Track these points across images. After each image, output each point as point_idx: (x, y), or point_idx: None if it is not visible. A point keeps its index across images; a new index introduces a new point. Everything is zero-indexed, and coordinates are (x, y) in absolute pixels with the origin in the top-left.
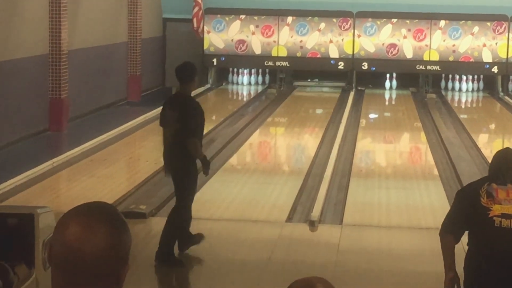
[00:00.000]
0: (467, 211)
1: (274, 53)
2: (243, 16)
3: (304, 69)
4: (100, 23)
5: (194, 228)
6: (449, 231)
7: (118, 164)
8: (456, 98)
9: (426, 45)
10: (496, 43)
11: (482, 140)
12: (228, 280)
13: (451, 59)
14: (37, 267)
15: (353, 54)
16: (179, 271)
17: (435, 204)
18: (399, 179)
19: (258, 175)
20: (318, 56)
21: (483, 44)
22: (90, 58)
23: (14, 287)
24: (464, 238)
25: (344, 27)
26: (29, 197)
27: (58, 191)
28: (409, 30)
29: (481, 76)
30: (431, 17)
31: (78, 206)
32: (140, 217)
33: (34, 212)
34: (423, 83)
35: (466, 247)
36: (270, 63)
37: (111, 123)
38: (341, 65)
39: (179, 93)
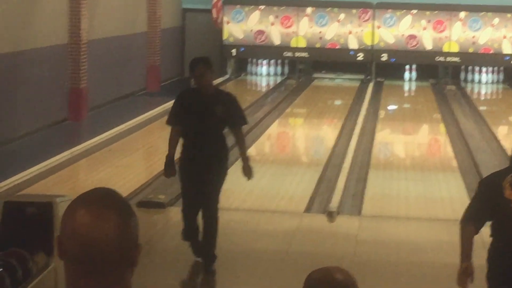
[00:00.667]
0: (489, 202)
1: (293, 44)
2: (262, 7)
3: (323, 60)
4: (120, 13)
5: None
6: (470, 221)
7: (137, 154)
8: (476, 90)
9: (446, 37)
10: None
11: (501, 132)
12: (246, 270)
13: (471, 50)
14: (55, 255)
15: (372, 45)
16: (197, 261)
17: (453, 196)
18: (418, 171)
19: (277, 166)
20: (337, 47)
21: (503, 36)
22: (110, 48)
23: (33, 275)
24: (485, 229)
25: (363, 18)
26: (48, 186)
27: (77, 180)
28: (429, 21)
29: (501, 68)
30: (451, 8)
31: (81, 196)
32: (158, 207)
33: (53, 201)
34: (442, 74)
35: (484, 239)
36: (289, 54)
37: (130, 113)
38: (360, 56)
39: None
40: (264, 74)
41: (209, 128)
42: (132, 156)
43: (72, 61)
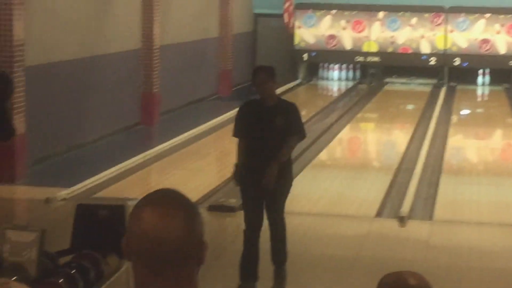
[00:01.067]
0: None
1: (365, 48)
2: (334, 11)
3: (395, 65)
4: (192, 19)
5: None
6: None
7: (208, 158)
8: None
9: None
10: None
11: None
12: (316, 275)
13: None
14: None
15: (445, 49)
16: (265, 266)
17: None
18: (491, 176)
19: (348, 170)
20: (410, 51)
21: None
22: (182, 53)
23: (105, 277)
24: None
25: (436, 22)
26: (121, 189)
27: (149, 183)
28: (502, 25)
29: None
30: None
31: (147, 197)
32: (229, 210)
33: (125, 204)
34: None
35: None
36: (361, 59)
37: (202, 117)
38: (432, 61)
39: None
40: (336, 79)
41: (271, 139)
42: (203, 160)
43: (145, 66)
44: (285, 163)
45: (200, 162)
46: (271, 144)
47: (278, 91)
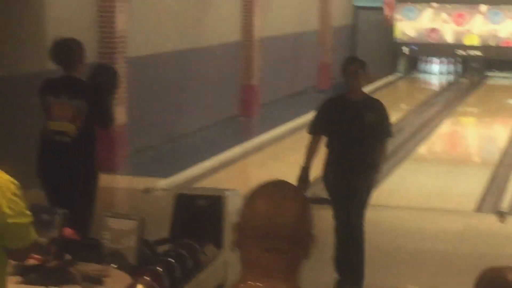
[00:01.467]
0: None
1: (466, 42)
2: (435, 4)
3: (498, 58)
4: (292, 11)
5: (379, 217)
6: None
7: None
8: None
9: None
10: None
11: None
12: (412, 270)
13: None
14: (225, 248)
15: None
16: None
17: None
18: None
19: (447, 164)
20: None
21: None
22: (281, 45)
23: (203, 267)
24: None
25: None
26: (219, 180)
27: (248, 175)
28: None
29: None
30: None
31: (262, 186)
32: (326, 203)
33: (223, 195)
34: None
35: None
36: (462, 52)
37: (301, 110)
38: None
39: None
40: (436, 73)
41: (357, 136)
42: (302, 153)
43: (245, 58)
44: (369, 163)
45: (298, 155)
46: (360, 142)
47: (378, 84)
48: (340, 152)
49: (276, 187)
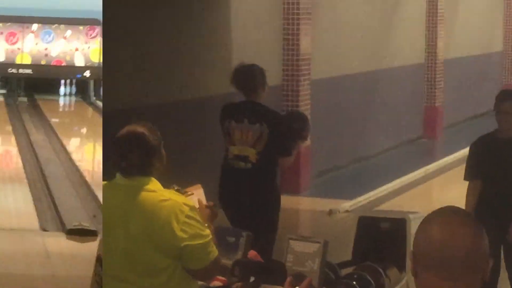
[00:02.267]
0: None
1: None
2: None
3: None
4: (476, 32)
5: None
6: None
7: None
8: (50, 102)
9: (19, 48)
10: (89, 47)
11: (73, 143)
12: None
13: (43, 62)
14: (408, 272)
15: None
16: None
17: None
18: None
19: None
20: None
21: (75, 49)
22: (465, 67)
23: None
24: None
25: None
26: (402, 203)
27: (430, 197)
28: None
29: (74, 81)
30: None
31: (436, 212)
32: None
33: (406, 217)
34: (15, 86)
35: None
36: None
37: (484, 132)
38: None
39: None
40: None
41: None
42: None
43: (428, 79)
44: None
45: None
46: None
47: None
48: (496, 200)
49: (452, 214)
